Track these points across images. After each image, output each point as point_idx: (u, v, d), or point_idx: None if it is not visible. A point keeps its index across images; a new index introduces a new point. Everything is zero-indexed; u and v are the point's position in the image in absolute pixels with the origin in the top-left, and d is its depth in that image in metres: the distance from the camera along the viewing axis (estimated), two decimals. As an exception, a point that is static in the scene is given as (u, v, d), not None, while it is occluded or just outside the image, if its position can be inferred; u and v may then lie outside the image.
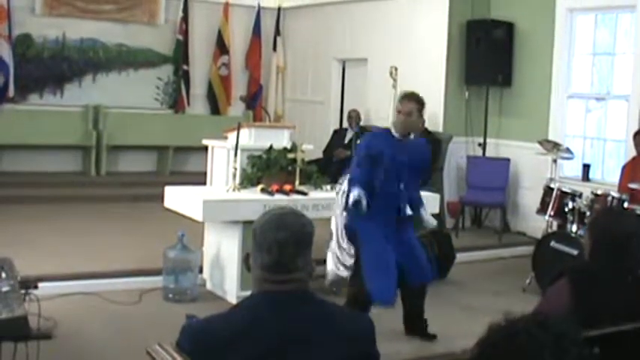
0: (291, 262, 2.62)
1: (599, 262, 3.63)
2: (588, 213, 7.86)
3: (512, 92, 11.03)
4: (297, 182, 7.46)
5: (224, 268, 7.33)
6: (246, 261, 2.72)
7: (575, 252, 7.59)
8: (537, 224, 9.35)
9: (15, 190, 11.27)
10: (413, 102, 6.14)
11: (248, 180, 7.52)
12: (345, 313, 2.80)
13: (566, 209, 8.03)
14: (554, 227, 8.44)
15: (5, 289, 4.49)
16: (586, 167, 10.02)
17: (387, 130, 6.25)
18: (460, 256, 8.82)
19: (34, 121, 12.26)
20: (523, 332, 2.01)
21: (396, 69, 10.82)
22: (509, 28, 10.91)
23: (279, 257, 2.60)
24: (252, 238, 2.68)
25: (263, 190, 7.26)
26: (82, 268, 7.62)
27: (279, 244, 2.60)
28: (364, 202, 5.86)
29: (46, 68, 12.69)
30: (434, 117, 11.01)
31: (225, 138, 8.22)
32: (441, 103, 11.07)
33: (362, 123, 11.68)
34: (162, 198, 7.57)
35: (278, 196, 7.15)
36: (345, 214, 6.39)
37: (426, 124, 10.86)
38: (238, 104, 13.75)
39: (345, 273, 6.83)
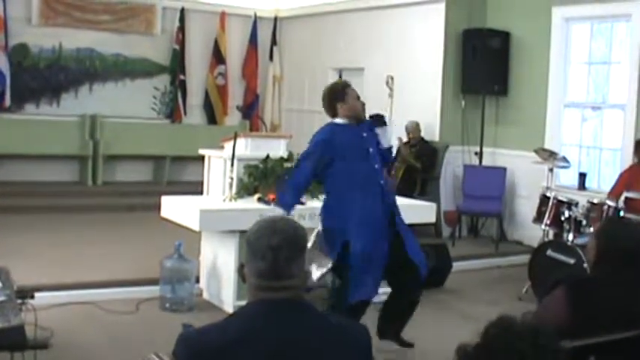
0: (285, 268, 2.61)
1: (604, 271, 3.63)
2: (584, 222, 7.87)
3: (508, 101, 11.06)
4: (293, 191, 7.45)
5: (221, 277, 7.33)
6: (240, 271, 2.72)
7: (571, 261, 7.60)
8: (534, 233, 9.36)
9: (11, 199, 11.26)
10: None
11: (245, 189, 7.52)
12: (341, 322, 2.79)
13: (563, 218, 8.04)
14: (551, 236, 8.45)
15: (1, 299, 4.49)
16: (582, 176, 10.04)
17: (332, 124, 6.18)
18: (457, 265, 8.83)
19: (30, 131, 12.28)
20: (502, 347, 2.03)
21: (392, 78, 10.76)
22: (505, 37, 10.94)
23: (273, 263, 2.60)
24: (246, 246, 2.69)
25: (260, 200, 7.26)
26: (79, 277, 7.61)
27: (273, 249, 2.60)
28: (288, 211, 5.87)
29: (43, 78, 12.70)
30: (430, 126, 11.04)
31: (222, 148, 8.23)
32: (437, 112, 11.10)
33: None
34: (159, 208, 7.57)
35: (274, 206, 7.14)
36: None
37: (423, 134, 10.91)
38: (235, 114, 13.75)
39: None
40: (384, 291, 6.34)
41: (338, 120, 6.14)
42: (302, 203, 6.34)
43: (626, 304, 3.48)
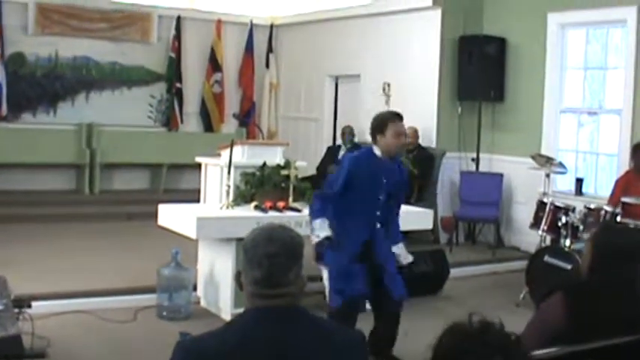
0: (282, 276, 2.62)
1: (599, 276, 3.63)
2: (581, 227, 7.87)
3: (504, 107, 11.06)
4: (290, 199, 7.46)
5: (218, 285, 7.32)
6: (237, 279, 2.72)
7: (568, 266, 7.59)
8: (531, 239, 9.35)
9: (8, 209, 11.24)
10: (402, 122, 5.89)
11: (241, 197, 7.52)
12: (336, 328, 2.80)
13: (560, 224, 8.04)
14: (548, 242, 8.45)
15: (-2, 308, 4.49)
16: (579, 181, 10.05)
17: (370, 150, 5.94)
18: (454, 272, 8.83)
19: (27, 140, 12.27)
20: (470, 352, 2.04)
21: (388, 85, 10.88)
22: (501, 43, 10.96)
23: (269, 271, 2.61)
24: (243, 254, 2.69)
25: (256, 208, 7.25)
26: (76, 286, 7.60)
27: (270, 257, 2.61)
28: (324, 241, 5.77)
29: (39, 87, 12.70)
30: (427, 132, 11.04)
31: (219, 155, 8.22)
32: (433, 118, 11.10)
33: (356, 139, 11.68)
34: (156, 216, 7.56)
35: (271, 213, 7.14)
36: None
37: (420, 140, 10.91)
38: (231, 121, 13.78)
39: None
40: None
41: (375, 149, 5.86)
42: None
43: (624, 308, 3.48)
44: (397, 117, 5.88)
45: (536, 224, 8.34)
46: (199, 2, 14.03)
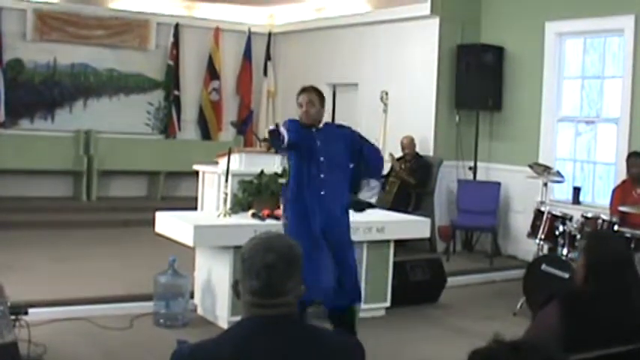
0: (280, 286, 2.61)
1: (593, 286, 3.63)
2: (579, 236, 7.86)
3: (502, 116, 11.07)
4: (288, 207, 7.45)
5: (215, 293, 7.31)
6: (235, 288, 2.72)
7: (566, 275, 7.59)
8: (528, 248, 9.36)
9: (5, 215, 11.23)
10: (312, 92, 6.44)
11: (239, 205, 7.52)
12: (334, 337, 2.79)
13: (557, 232, 8.03)
14: (545, 251, 8.44)
15: (-5, 315, 4.48)
16: (576, 190, 10.05)
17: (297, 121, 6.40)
18: (451, 280, 8.81)
19: (24, 147, 12.27)
20: None
21: (386, 94, 10.88)
22: (499, 52, 10.97)
23: (268, 281, 2.60)
24: (241, 264, 2.68)
25: (254, 215, 7.25)
26: (73, 293, 7.58)
27: (268, 268, 2.60)
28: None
29: (37, 93, 12.71)
30: (424, 141, 11.05)
31: (216, 163, 8.23)
32: (431, 127, 11.11)
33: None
34: (153, 223, 7.55)
35: (269, 221, 7.13)
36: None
37: (417, 149, 10.91)
38: (229, 129, 13.78)
39: None
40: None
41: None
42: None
43: (621, 316, 3.49)
44: (305, 89, 6.49)
45: (533, 233, 8.34)
46: (198, 10, 14.04)
